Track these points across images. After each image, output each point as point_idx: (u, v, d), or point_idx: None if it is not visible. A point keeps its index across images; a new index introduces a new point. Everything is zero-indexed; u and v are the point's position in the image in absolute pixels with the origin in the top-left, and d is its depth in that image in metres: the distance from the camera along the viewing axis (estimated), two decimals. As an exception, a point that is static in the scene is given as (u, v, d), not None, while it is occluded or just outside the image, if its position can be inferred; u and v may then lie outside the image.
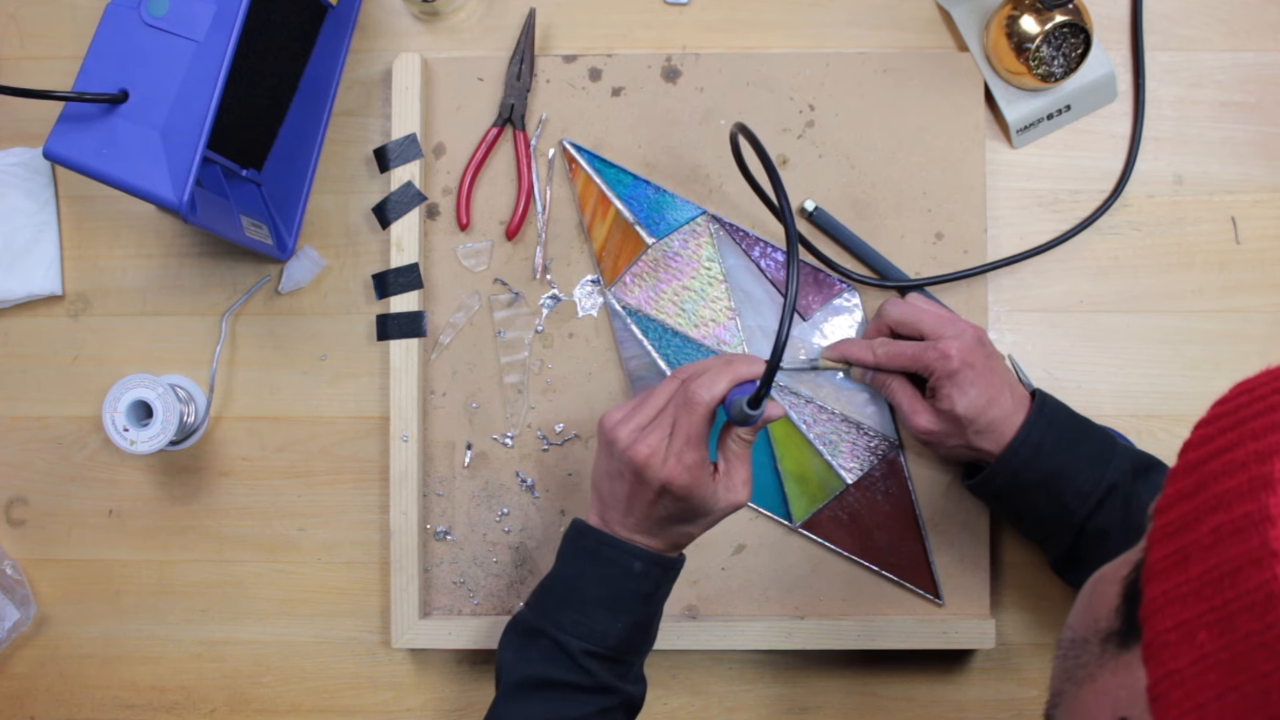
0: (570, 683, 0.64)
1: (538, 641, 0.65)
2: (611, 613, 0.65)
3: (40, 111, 0.82)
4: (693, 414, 0.63)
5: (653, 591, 0.66)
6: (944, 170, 0.82)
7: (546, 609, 0.66)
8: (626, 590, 0.65)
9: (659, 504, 0.64)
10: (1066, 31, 0.78)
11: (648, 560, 0.65)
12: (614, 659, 0.65)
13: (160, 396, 0.77)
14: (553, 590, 0.67)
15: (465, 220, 0.83)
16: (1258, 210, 0.83)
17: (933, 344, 0.73)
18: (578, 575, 0.66)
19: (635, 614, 0.66)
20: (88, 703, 0.85)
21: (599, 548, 0.66)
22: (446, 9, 0.84)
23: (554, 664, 0.64)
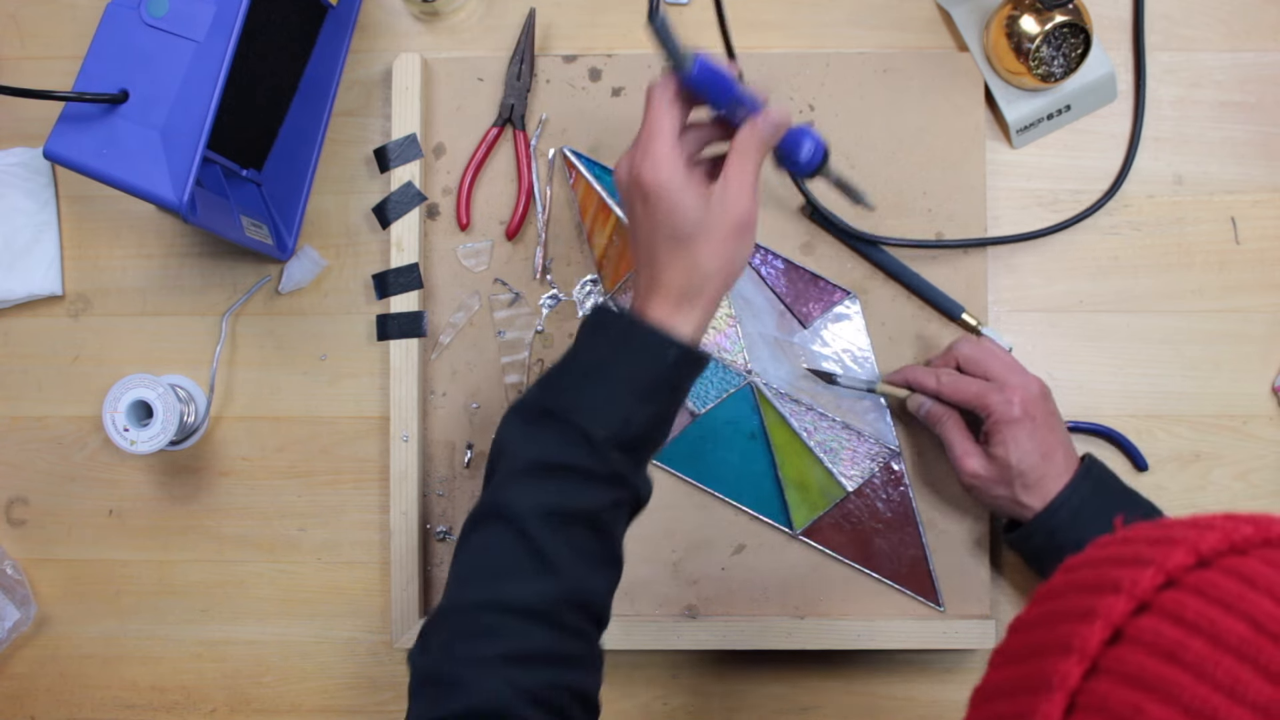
0: (586, 469, 0.59)
1: (550, 425, 0.60)
2: (637, 400, 0.59)
3: (40, 111, 0.82)
4: (650, 105, 0.59)
5: (680, 384, 0.62)
6: (944, 170, 0.82)
7: (562, 391, 0.61)
8: (656, 378, 0.60)
9: (647, 222, 0.59)
10: (1066, 31, 0.78)
11: (680, 349, 0.60)
12: (631, 449, 0.60)
13: (160, 396, 0.77)
14: (571, 374, 0.61)
15: (465, 220, 0.83)
16: (1258, 210, 0.83)
17: (999, 387, 0.72)
18: (604, 360, 0.60)
19: (660, 405, 0.61)
20: (88, 703, 0.85)
21: (630, 331, 0.60)
22: (446, 9, 0.84)
23: (569, 449, 0.59)
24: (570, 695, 0.57)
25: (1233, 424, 0.82)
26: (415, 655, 0.59)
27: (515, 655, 0.56)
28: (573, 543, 0.59)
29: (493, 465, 0.62)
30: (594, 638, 0.61)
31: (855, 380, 0.78)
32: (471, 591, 0.59)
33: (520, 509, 0.58)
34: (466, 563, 0.60)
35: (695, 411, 0.81)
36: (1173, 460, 0.82)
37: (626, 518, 0.63)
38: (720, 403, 0.81)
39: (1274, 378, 0.82)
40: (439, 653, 0.58)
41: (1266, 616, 0.32)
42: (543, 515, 0.58)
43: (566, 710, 0.57)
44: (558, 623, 0.58)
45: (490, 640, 0.57)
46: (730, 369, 0.82)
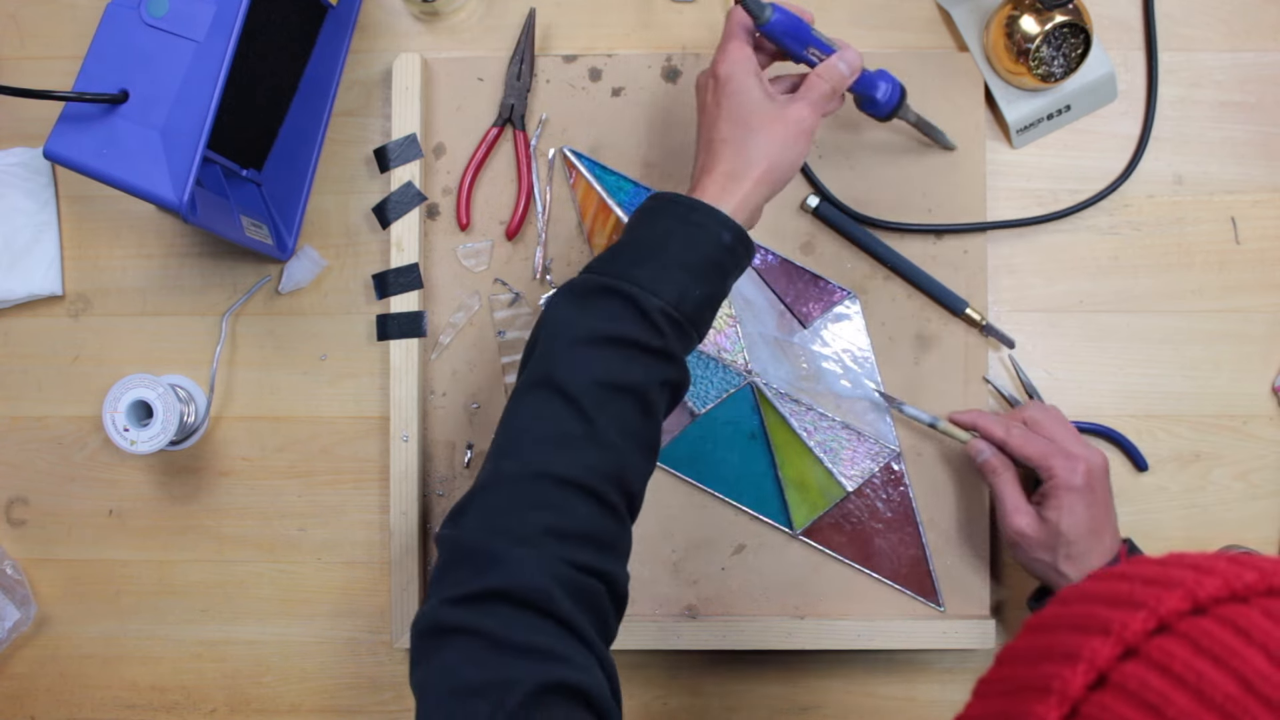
0: (640, 341, 0.59)
1: (605, 299, 0.60)
2: (693, 276, 0.60)
3: (40, 111, 0.82)
4: (728, 20, 0.66)
5: (732, 270, 0.63)
6: (944, 170, 0.82)
7: (619, 268, 0.61)
8: (712, 259, 0.61)
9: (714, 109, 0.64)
10: (1066, 31, 0.78)
11: (735, 232, 0.62)
12: (683, 326, 0.60)
13: (160, 396, 0.77)
14: (628, 251, 0.62)
15: (465, 220, 0.83)
16: (1258, 210, 0.83)
17: (1067, 453, 0.71)
18: (664, 236, 0.61)
19: (713, 285, 0.62)
20: (88, 703, 0.85)
21: (690, 212, 0.62)
22: (446, 9, 0.84)
23: (624, 320, 0.59)
24: (606, 587, 0.56)
25: (1233, 424, 0.82)
26: (446, 533, 0.57)
27: (559, 530, 0.55)
28: (622, 418, 0.58)
29: (533, 344, 0.61)
30: (629, 524, 0.60)
31: (919, 413, 0.77)
32: (515, 462, 0.57)
33: (572, 378, 0.57)
34: (511, 433, 0.59)
35: (695, 411, 0.81)
36: (1173, 460, 0.82)
37: (669, 402, 0.62)
38: (720, 403, 0.81)
39: (1274, 378, 0.82)
40: (477, 527, 0.55)
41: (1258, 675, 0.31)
42: (596, 385, 0.57)
43: (601, 606, 0.55)
44: (602, 499, 0.56)
45: (534, 512, 0.55)
46: (730, 369, 0.82)
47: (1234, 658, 0.32)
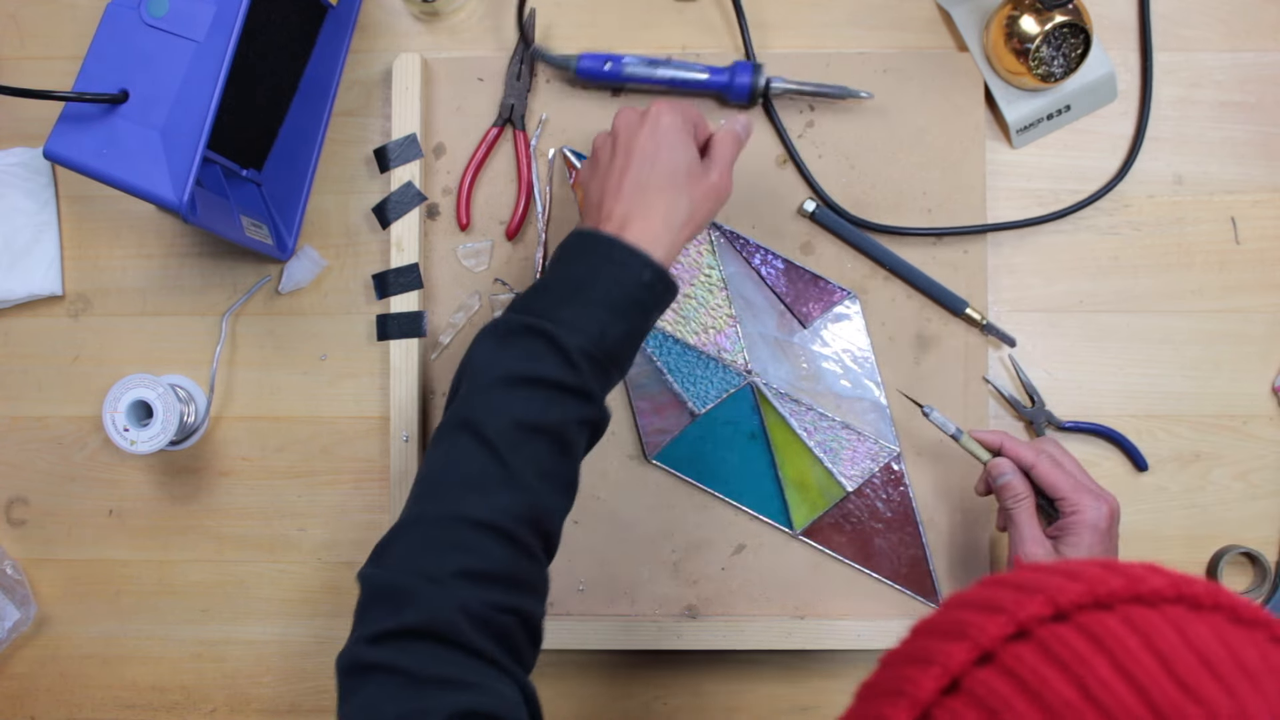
0: (557, 381, 0.60)
1: (525, 339, 0.61)
2: (613, 314, 0.61)
3: (40, 111, 0.82)
4: None
5: (653, 308, 0.64)
6: (944, 170, 0.82)
7: (542, 306, 0.62)
8: (633, 296, 0.62)
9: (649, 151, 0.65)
10: (1066, 31, 0.78)
11: (656, 271, 0.63)
12: (602, 366, 0.61)
13: (160, 396, 0.77)
14: (551, 289, 0.63)
15: (465, 220, 0.83)
16: (1258, 210, 0.83)
17: (1094, 490, 0.70)
18: (585, 275, 0.62)
19: (633, 322, 0.63)
20: (88, 703, 0.85)
21: (612, 250, 0.63)
22: (446, 9, 0.84)
23: (542, 360, 0.60)
24: (518, 621, 0.57)
25: (1233, 424, 0.82)
26: (367, 571, 0.58)
27: (471, 571, 0.56)
28: (538, 459, 0.59)
29: (457, 384, 0.63)
30: (544, 563, 0.61)
31: (945, 422, 0.76)
32: (432, 505, 0.59)
33: (488, 420, 0.59)
34: (429, 476, 0.60)
35: (695, 411, 0.81)
36: (1173, 460, 0.82)
37: (588, 441, 0.63)
38: (720, 403, 0.81)
39: (1274, 378, 0.82)
40: (395, 566, 0.57)
41: (1098, 683, 0.31)
42: (511, 427, 0.59)
43: (513, 637, 0.57)
44: (515, 540, 0.58)
45: (450, 553, 0.57)
46: (730, 369, 0.82)
47: (1080, 664, 0.32)
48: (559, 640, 0.80)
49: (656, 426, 0.82)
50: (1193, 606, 0.34)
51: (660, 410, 0.82)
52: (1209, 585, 0.35)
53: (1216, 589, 0.35)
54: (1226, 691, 0.30)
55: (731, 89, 0.80)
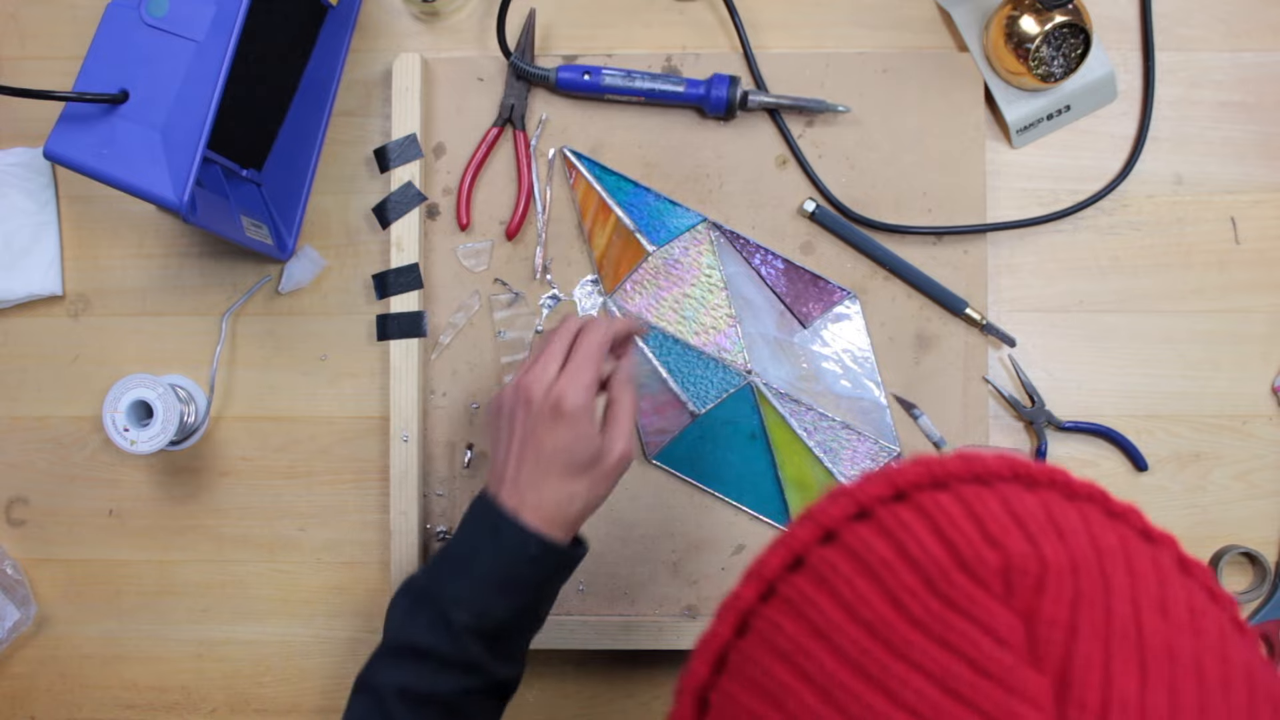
0: (443, 655, 0.61)
1: (423, 607, 0.63)
2: (501, 592, 0.62)
3: (40, 111, 0.82)
4: (586, 337, 0.64)
5: (546, 579, 0.64)
6: (944, 170, 0.82)
7: (439, 576, 0.64)
8: (519, 574, 0.62)
9: (550, 441, 0.62)
10: (1066, 31, 0.78)
11: (544, 547, 0.62)
12: (492, 639, 0.63)
13: (160, 396, 0.77)
14: (448, 559, 0.65)
15: (465, 220, 0.83)
16: (1257, 210, 0.83)
17: None
18: (473, 550, 0.63)
19: (525, 598, 0.63)
20: (88, 703, 0.85)
21: (499, 524, 0.63)
22: (446, 9, 0.84)
23: (432, 633, 0.62)
24: None
25: (1233, 424, 0.82)
26: None
27: None
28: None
29: (384, 632, 0.65)
30: None
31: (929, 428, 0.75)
32: None
33: (383, 686, 0.62)
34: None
35: (695, 411, 0.81)
36: (1173, 460, 0.82)
37: (492, 705, 0.65)
38: (720, 403, 0.81)
39: (1274, 378, 0.82)
40: None
41: (915, 542, 0.33)
42: (401, 694, 0.62)
43: None
44: None
45: None
46: (730, 369, 0.82)
47: (904, 531, 0.34)
48: (559, 640, 0.80)
49: (656, 426, 0.82)
50: (1028, 485, 0.36)
51: (660, 410, 0.82)
52: (1049, 468, 0.38)
53: (1054, 470, 0.37)
54: (1027, 538, 0.33)
55: (708, 101, 0.81)
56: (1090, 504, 0.36)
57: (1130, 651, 0.31)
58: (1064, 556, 0.32)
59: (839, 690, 0.32)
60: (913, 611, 0.32)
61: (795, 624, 0.34)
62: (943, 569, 0.32)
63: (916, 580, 0.33)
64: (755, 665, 0.36)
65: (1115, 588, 0.32)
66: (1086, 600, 0.31)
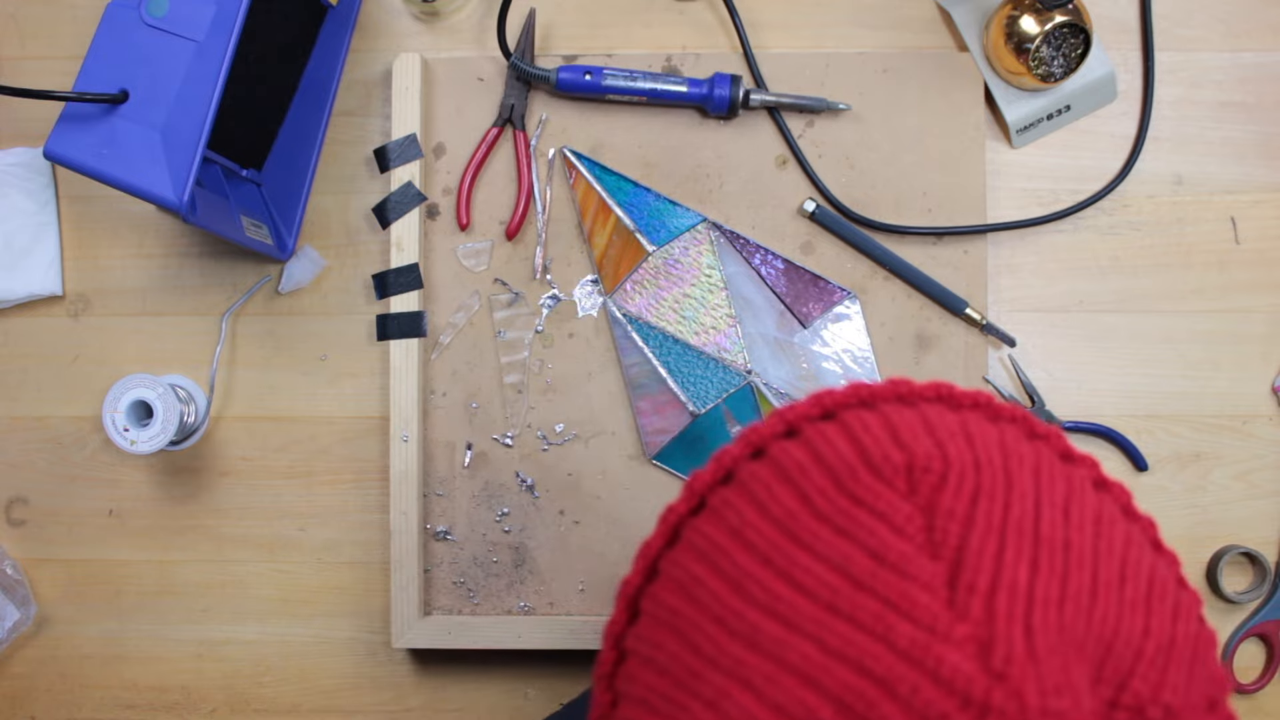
0: None
1: None
2: None
3: (40, 111, 0.82)
4: None
5: None
6: (944, 170, 0.82)
7: None
8: None
9: None
10: (1066, 31, 0.78)
11: None
12: None
13: (160, 396, 0.77)
14: None
15: (465, 220, 0.83)
16: (1257, 210, 0.83)
17: None
18: None
19: None
20: (88, 703, 0.85)
21: None
22: (446, 9, 0.84)
23: None
24: None
25: (1233, 424, 0.82)
26: None
27: None
28: None
29: None
30: None
31: None
32: None
33: None
34: None
35: (695, 411, 0.81)
36: (1173, 460, 0.82)
37: None
38: (720, 403, 0.81)
39: (1274, 378, 0.82)
40: None
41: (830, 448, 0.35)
42: None
43: None
44: None
45: None
46: (730, 369, 0.82)
47: (823, 442, 0.36)
48: (559, 640, 0.80)
49: (656, 426, 0.82)
50: (951, 406, 0.38)
51: (660, 410, 0.82)
52: (976, 392, 0.39)
53: (980, 394, 0.39)
54: (934, 442, 0.34)
55: (710, 101, 0.81)
56: (1013, 425, 0.38)
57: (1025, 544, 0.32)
58: (968, 456, 0.34)
59: (747, 580, 0.34)
60: (819, 507, 0.34)
61: (715, 527, 0.36)
62: (850, 468, 0.34)
63: (826, 480, 0.34)
64: (678, 567, 0.37)
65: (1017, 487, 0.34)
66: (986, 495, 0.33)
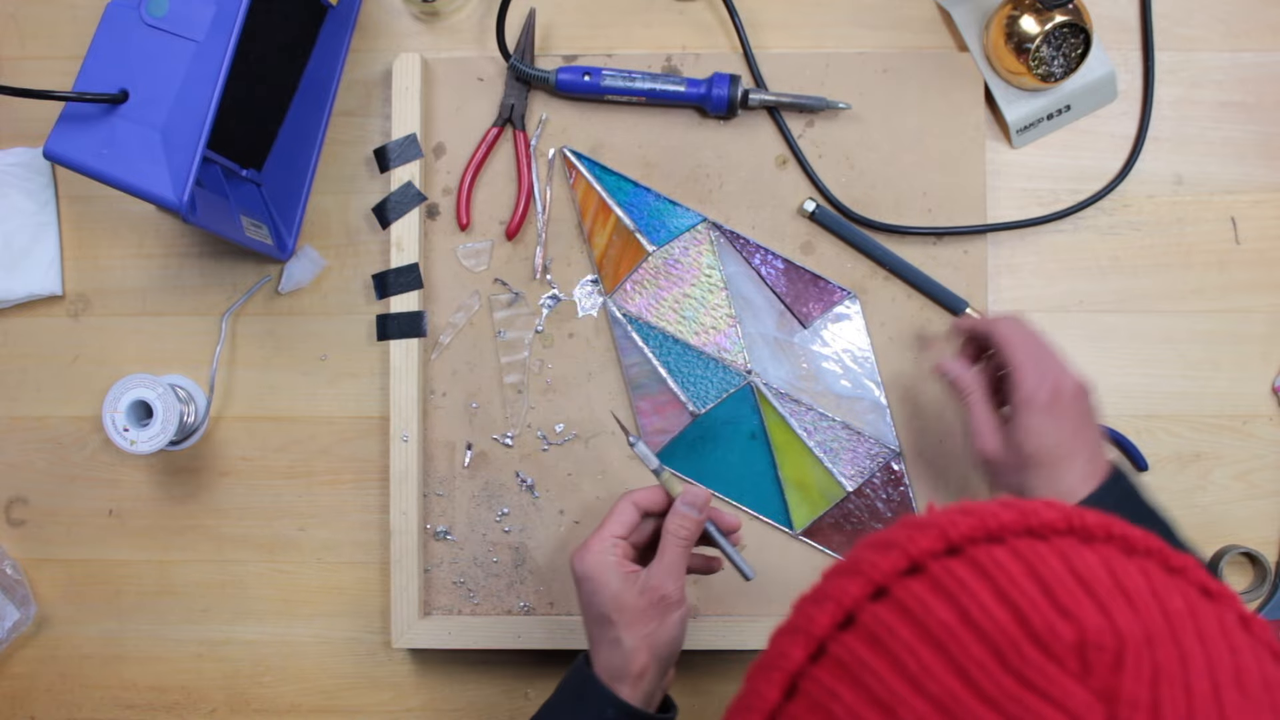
0: None
1: None
2: None
3: (40, 111, 0.82)
4: (614, 510, 0.66)
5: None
6: (944, 170, 0.82)
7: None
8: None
9: (581, 604, 0.65)
10: (1066, 31, 0.78)
11: (620, 709, 0.63)
12: None
13: (160, 396, 0.77)
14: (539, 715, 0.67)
15: (465, 220, 0.83)
16: (1257, 210, 0.83)
17: (1042, 369, 0.68)
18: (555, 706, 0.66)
19: None
20: (88, 703, 0.85)
21: (582, 685, 0.65)
22: (446, 9, 0.84)
23: None
24: None
25: (1233, 424, 0.82)
26: None
27: None
28: None
29: None
30: None
31: None
32: None
33: None
34: None
35: (695, 411, 0.81)
36: (1173, 460, 0.82)
37: None
38: (720, 403, 0.81)
39: (1274, 378, 0.82)
40: None
41: (978, 607, 0.31)
42: None
43: None
44: None
45: None
46: (730, 369, 0.82)
47: (963, 592, 0.32)
48: (559, 640, 0.80)
49: (656, 426, 0.82)
50: (1084, 539, 0.35)
51: (660, 410, 0.82)
52: (1103, 517, 0.36)
53: (1111, 521, 0.36)
54: (1099, 609, 0.31)
55: (709, 100, 0.81)
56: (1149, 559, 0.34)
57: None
58: (1138, 628, 0.30)
59: None
60: (984, 688, 0.30)
61: (853, 692, 0.32)
62: (1013, 641, 0.30)
63: (985, 652, 0.30)
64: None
65: (1191, 661, 0.30)
66: (1166, 677, 0.30)
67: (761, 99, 0.81)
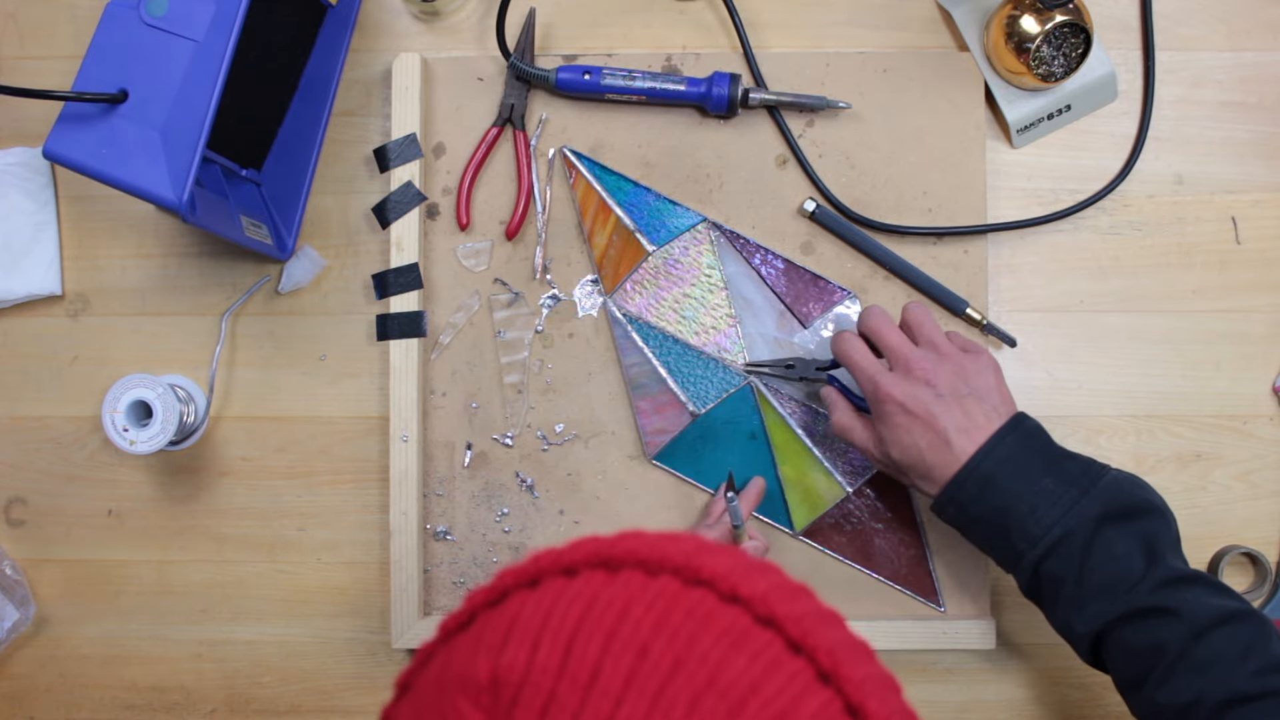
0: None
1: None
2: None
3: (40, 111, 0.82)
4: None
5: None
6: (944, 170, 0.82)
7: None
8: None
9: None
10: (1066, 31, 0.78)
11: None
12: None
13: (160, 396, 0.77)
14: None
15: (465, 220, 0.83)
16: (1258, 210, 0.83)
17: (877, 374, 0.70)
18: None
19: None
20: (88, 703, 0.85)
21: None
22: (446, 9, 0.84)
23: None
24: None
25: (1233, 424, 0.82)
26: None
27: None
28: None
29: None
30: None
31: None
32: None
33: None
34: None
35: (695, 411, 0.81)
36: (1173, 460, 0.82)
37: None
38: (720, 403, 0.81)
39: (1274, 378, 0.82)
40: None
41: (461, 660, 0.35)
42: None
43: None
44: None
45: None
46: (730, 369, 0.82)
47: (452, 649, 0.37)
48: (559, 640, 0.80)
49: (656, 426, 0.82)
50: (611, 569, 0.37)
51: (660, 410, 0.82)
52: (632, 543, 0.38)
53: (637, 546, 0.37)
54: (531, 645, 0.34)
55: (709, 100, 0.81)
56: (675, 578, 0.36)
57: None
58: (554, 659, 0.33)
59: None
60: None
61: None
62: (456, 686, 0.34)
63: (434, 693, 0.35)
64: None
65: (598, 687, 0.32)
66: (557, 708, 0.32)
67: (762, 98, 0.81)
